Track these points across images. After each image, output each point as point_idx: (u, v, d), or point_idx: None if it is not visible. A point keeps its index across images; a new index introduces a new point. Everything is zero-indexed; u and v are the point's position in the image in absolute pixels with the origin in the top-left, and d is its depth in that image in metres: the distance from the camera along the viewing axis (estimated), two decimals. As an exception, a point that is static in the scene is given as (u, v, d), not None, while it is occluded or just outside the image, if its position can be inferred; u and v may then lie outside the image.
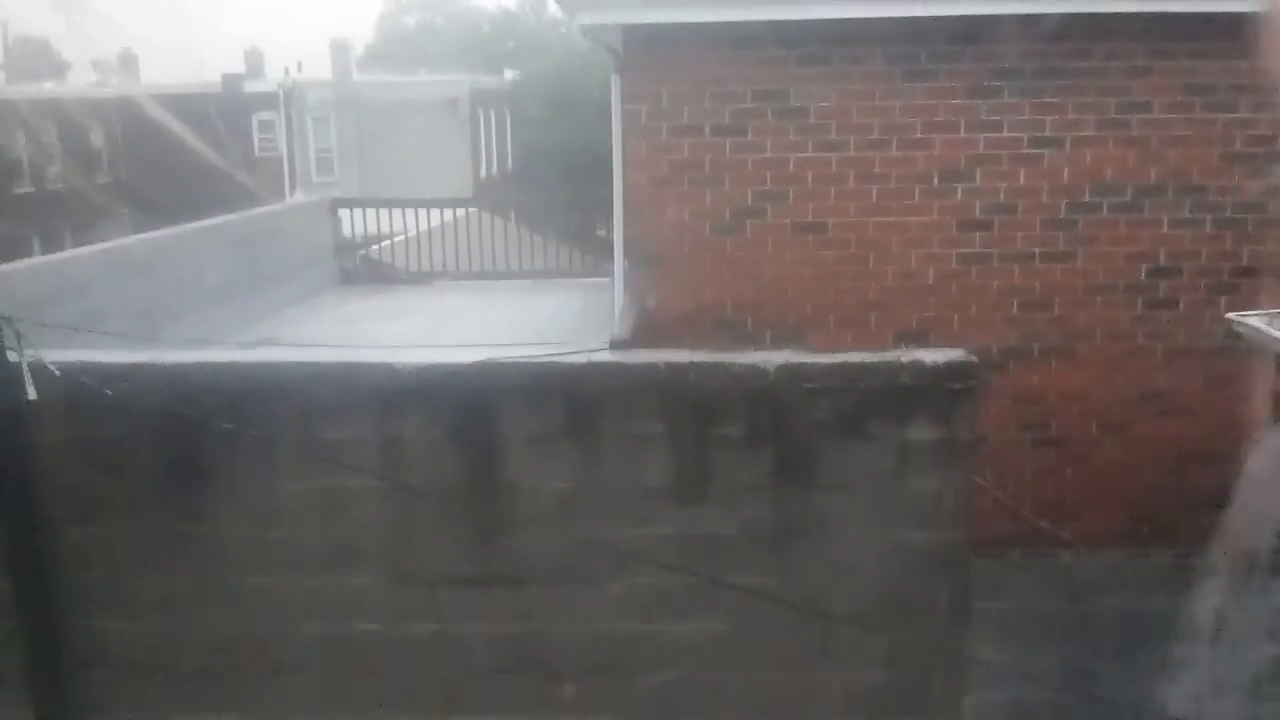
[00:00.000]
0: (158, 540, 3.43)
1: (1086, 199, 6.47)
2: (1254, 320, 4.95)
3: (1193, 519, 4.98)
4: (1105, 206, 6.48)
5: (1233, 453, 4.89)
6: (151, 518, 3.42)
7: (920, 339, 6.37)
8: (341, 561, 3.40)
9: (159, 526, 3.42)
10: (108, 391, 3.28)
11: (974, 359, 3.25)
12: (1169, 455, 6.49)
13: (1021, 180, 6.47)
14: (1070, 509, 6.56)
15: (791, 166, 6.49)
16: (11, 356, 3.26)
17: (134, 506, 3.42)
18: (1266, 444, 4.52)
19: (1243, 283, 6.38)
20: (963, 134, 6.42)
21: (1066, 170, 6.44)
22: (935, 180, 6.47)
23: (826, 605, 3.33)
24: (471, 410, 3.31)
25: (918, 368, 3.26)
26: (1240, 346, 5.48)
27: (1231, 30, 5.81)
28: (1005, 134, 6.42)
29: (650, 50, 6.45)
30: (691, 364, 3.28)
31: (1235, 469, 4.51)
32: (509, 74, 34.91)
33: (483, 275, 13.12)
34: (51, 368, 3.28)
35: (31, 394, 3.25)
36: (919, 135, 6.42)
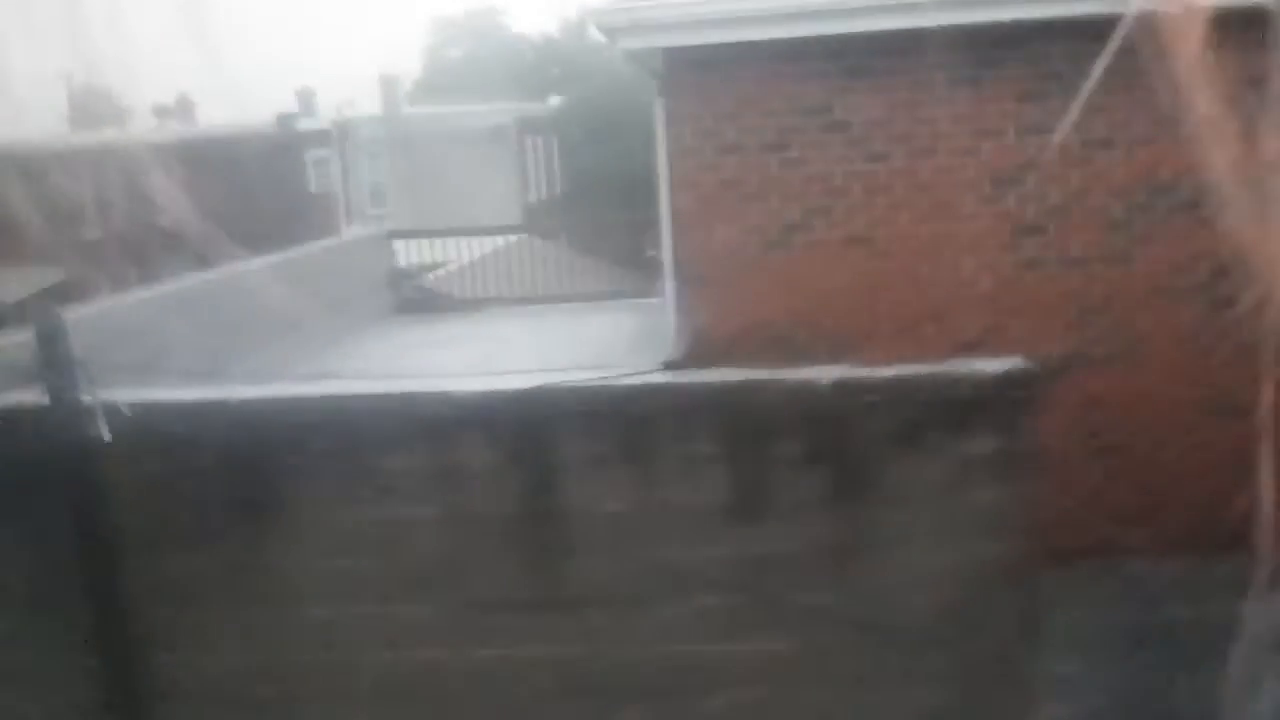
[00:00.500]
0: (227, 573, 3.51)
1: (1143, 200, 6.36)
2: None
3: (1262, 524, 4.85)
4: (1163, 207, 6.37)
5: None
6: (221, 551, 3.50)
7: (978, 349, 6.29)
8: (405, 590, 3.45)
9: (228, 560, 3.50)
10: (176, 430, 3.37)
11: (1033, 367, 3.22)
12: (1236, 459, 6.32)
13: (1075, 183, 6.38)
14: (1136, 516, 6.43)
15: (839, 180, 6.47)
16: (85, 398, 3.37)
17: (204, 541, 3.50)
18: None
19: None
20: (1012, 139, 6.36)
21: (1121, 171, 6.34)
22: (986, 187, 6.41)
23: (890, 622, 3.30)
24: (528, 435, 3.35)
25: (976, 378, 3.23)
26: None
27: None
28: (1056, 137, 6.34)
29: (692, 71, 6.48)
30: (746, 383, 3.28)
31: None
32: (554, 100, 35.26)
33: (535, 300, 13.22)
34: (123, 408, 3.38)
35: (105, 435, 3.35)
36: (967, 142, 6.37)
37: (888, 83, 6.34)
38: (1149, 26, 5.74)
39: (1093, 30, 6.12)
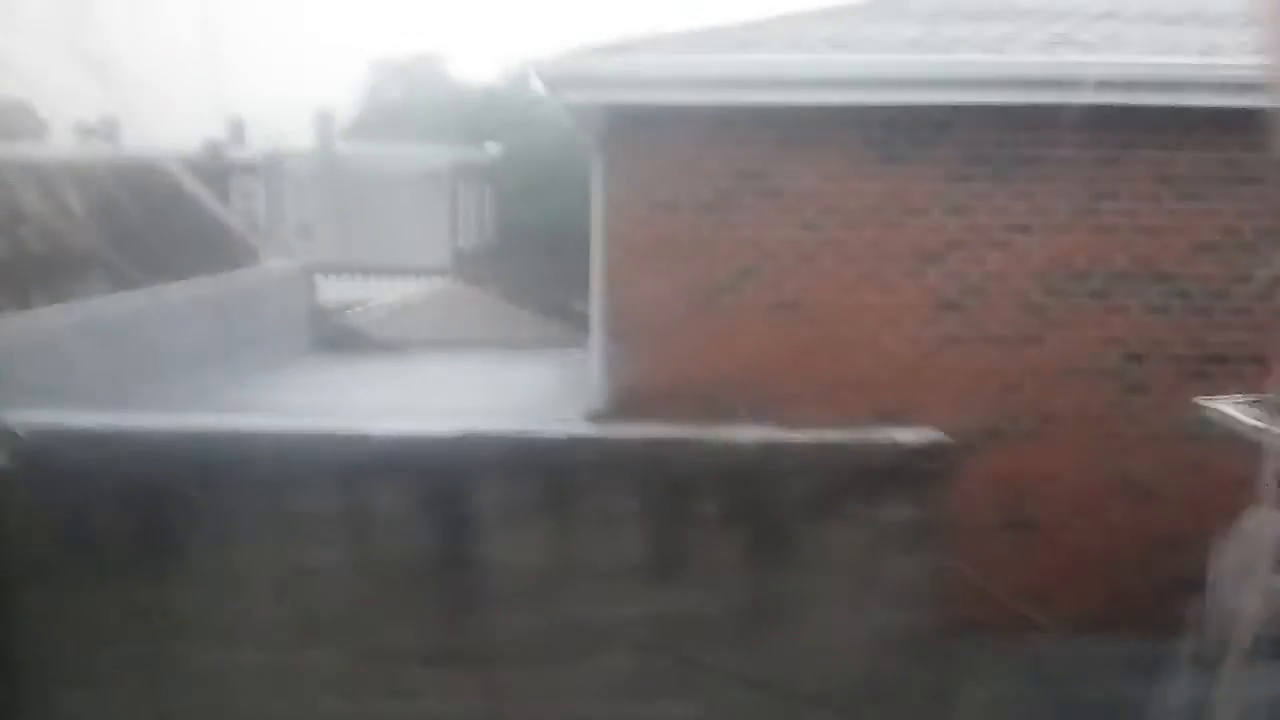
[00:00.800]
0: (121, 610, 3.35)
1: (1059, 284, 6.56)
2: (1224, 406, 5.00)
3: (1167, 605, 4.96)
4: (1078, 292, 6.58)
5: (1206, 539, 4.90)
6: (116, 587, 3.34)
7: (895, 419, 6.37)
8: (307, 636, 3.33)
9: (123, 597, 3.34)
10: (74, 457, 3.22)
11: (949, 440, 3.26)
12: (1142, 540, 6.49)
13: (995, 264, 6.56)
14: (1044, 593, 6.53)
15: (770, 245, 6.56)
16: (-22, 419, 3.21)
17: (98, 575, 3.34)
18: (1238, 530, 4.53)
19: (1212, 369, 6.46)
20: (938, 217, 6.52)
21: (1039, 255, 6.54)
22: (910, 262, 6.55)
23: (801, 688, 3.28)
24: (445, 482, 3.27)
25: (893, 448, 3.26)
26: (1212, 432, 5.52)
27: (1200, 123, 5.97)
28: (979, 219, 6.52)
29: (631, 129, 6.54)
30: (668, 440, 3.27)
31: (1208, 555, 4.51)
32: (491, 148, 35.30)
33: (459, 345, 13.09)
34: (19, 432, 3.23)
35: (1, 460, 3.19)
36: (895, 218, 6.52)
37: (822, 154, 6.48)
38: (1073, 119, 5.97)
39: (1019, 119, 6.37)
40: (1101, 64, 6.23)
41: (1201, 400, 5.32)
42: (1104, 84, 5.83)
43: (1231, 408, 4.73)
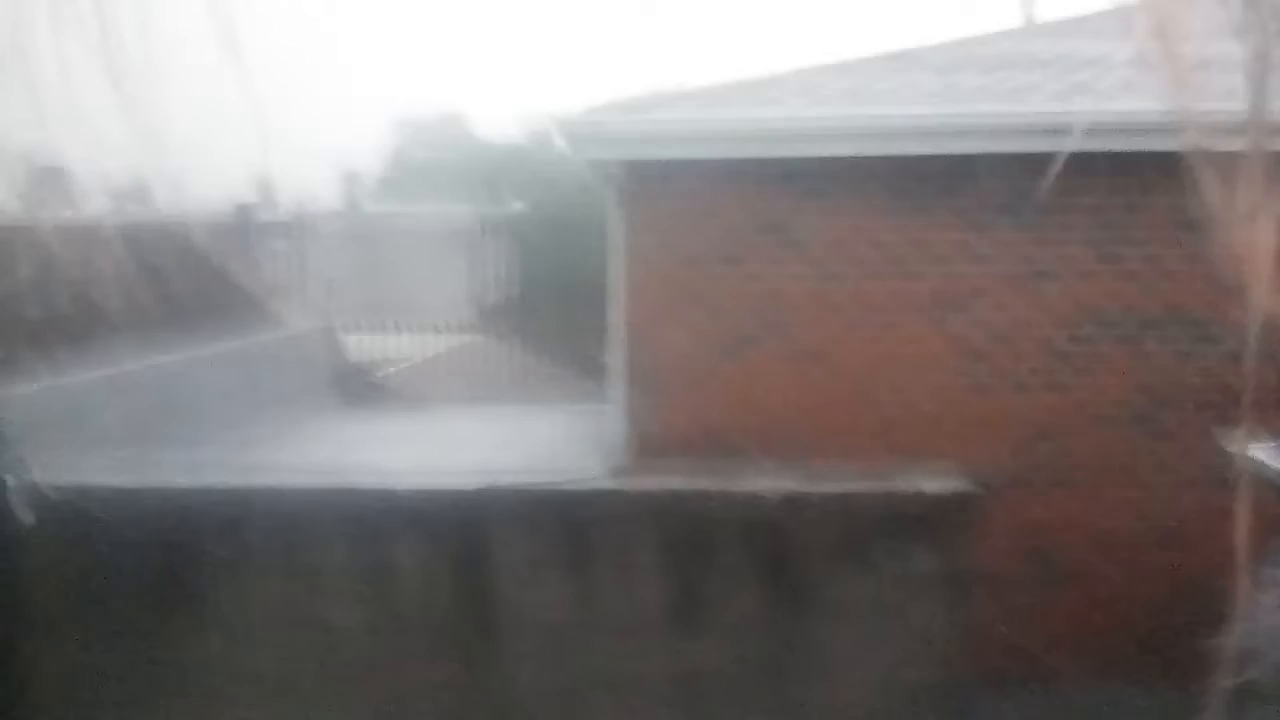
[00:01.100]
0: (145, 665, 3.35)
1: (1085, 331, 6.52)
2: (1254, 450, 4.92)
3: (1197, 652, 4.86)
4: (1104, 339, 6.53)
5: (1236, 585, 4.80)
6: (140, 642, 3.35)
7: (920, 468, 6.33)
8: (328, 693, 3.32)
9: (147, 651, 3.35)
10: (103, 516, 3.25)
11: (974, 489, 3.23)
12: (1172, 587, 6.37)
13: (1020, 311, 6.54)
14: (1073, 642, 6.41)
15: (792, 296, 6.57)
16: (10, 479, 3.25)
17: (123, 631, 3.35)
18: (1267, 576, 4.44)
19: (1242, 414, 6.37)
20: (961, 266, 6.52)
21: (1064, 302, 6.51)
22: (934, 311, 6.54)
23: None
24: (469, 538, 3.27)
25: (918, 497, 3.24)
26: (1242, 478, 5.44)
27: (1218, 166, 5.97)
28: (1002, 267, 6.52)
29: (653, 184, 6.61)
30: (692, 492, 3.26)
31: (1239, 601, 4.42)
32: (516, 205, 35.73)
33: (485, 400, 13.14)
34: (49, 491, 3.26)
35: (28, 519, 3.23)
36: (917, 267, 6.52)
37: (843, 205, 6.51)
38: (1095, 165, 5.98)
39: (1039, 167, 6.37)
40: (1119, 111, 6.25)
41: (1230, 445, 5.25)
42: (1123, 130, 5.84)
43: (1261, 452, 4.67)
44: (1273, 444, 4.62)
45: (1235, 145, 1.02)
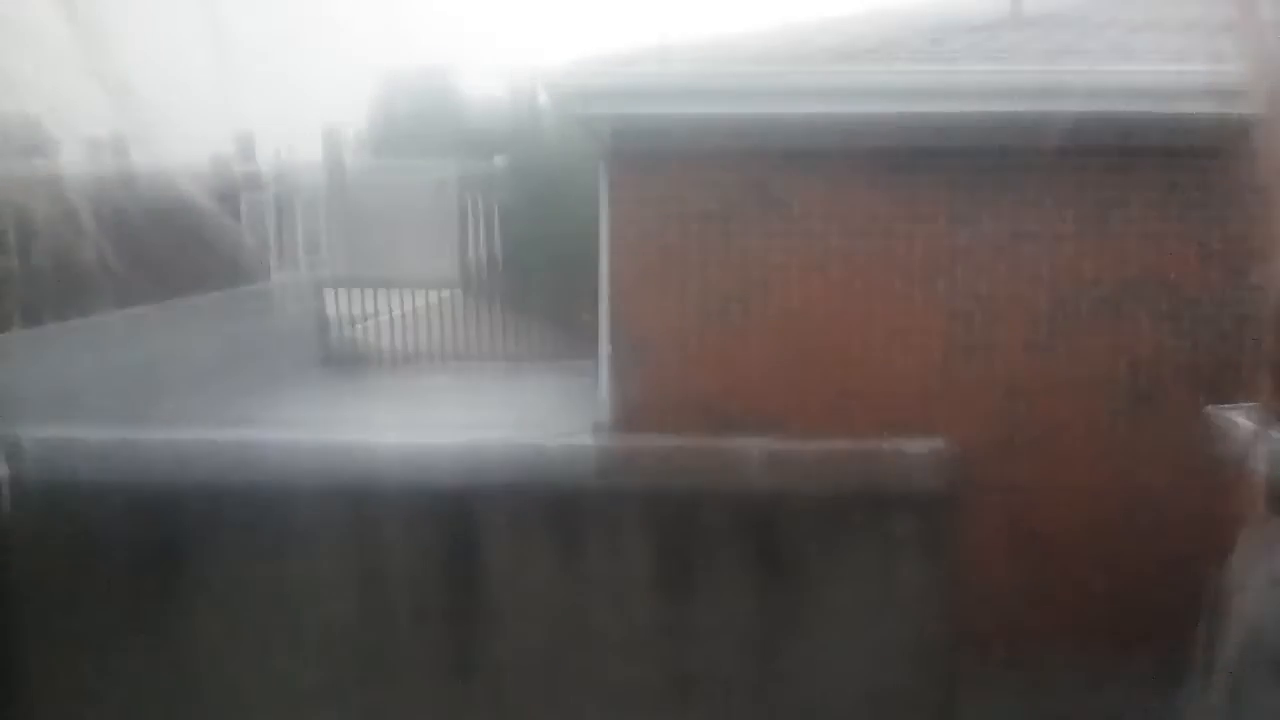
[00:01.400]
0: (125, 623, 3.34)
1: (1066, 293, 6.54)
2: (1233, 415, 4.97)
3: (1177, 619, 4.93)
4: (1085, 301, 6.55)
5: (1215, 549, 4.87)
6: (120, 600, 3.34)
7: (903, 429, 6.36)
8: (312, 651, 3.32)
9: (127, 609, 3.34)
10: (80, 469, 3.22)
11: (957, 451, 3.25)
12: (1152, 551, 6.45)
13: (1002, 273, 6.54)
14: (1053, 606, 6.49)
15: (776, 255, 6.56)
16: (-17, 432, 3.22)
17: (102, 589, 3.34)
18: (1248, 542, 4.50)
19: (1222, 378, 6.42)
20: (943, 226, 6.51)
21: (1046, 265, 6.52)
22: (917, 272, 6.54)
23: (811, 703, 3.26)
24: (451, 494, 3.27)
25: (901, 459, 3.25)
26: (1222, 441, 5.49)
27: (1207, 130, 5.96)
28: (985, 228, 6.51)
29: (638, 140, 6.55)
30: (675, 450, 3.26)
31: (1219, 567, 4.48)
32: (498, 160, 35.42)
33: (467, 357, 13.10)
34: (25, 444, 3.23)
35: (2, 469, 3.20)
36: (901, 228, 6.51)
37: (827, 164, 6.47)
38: (1080, 127, 5.96)
39: (1023, 128, 6.36)
40: (1104, 72, 6.22)
41: (1211, 409, 5.29)
42: (1107, 92, 5.82)
43: (1241, 416, 4.71)
44: (1253, 406, 4.66)
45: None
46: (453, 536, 3.29)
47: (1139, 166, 6.45)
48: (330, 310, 13.61)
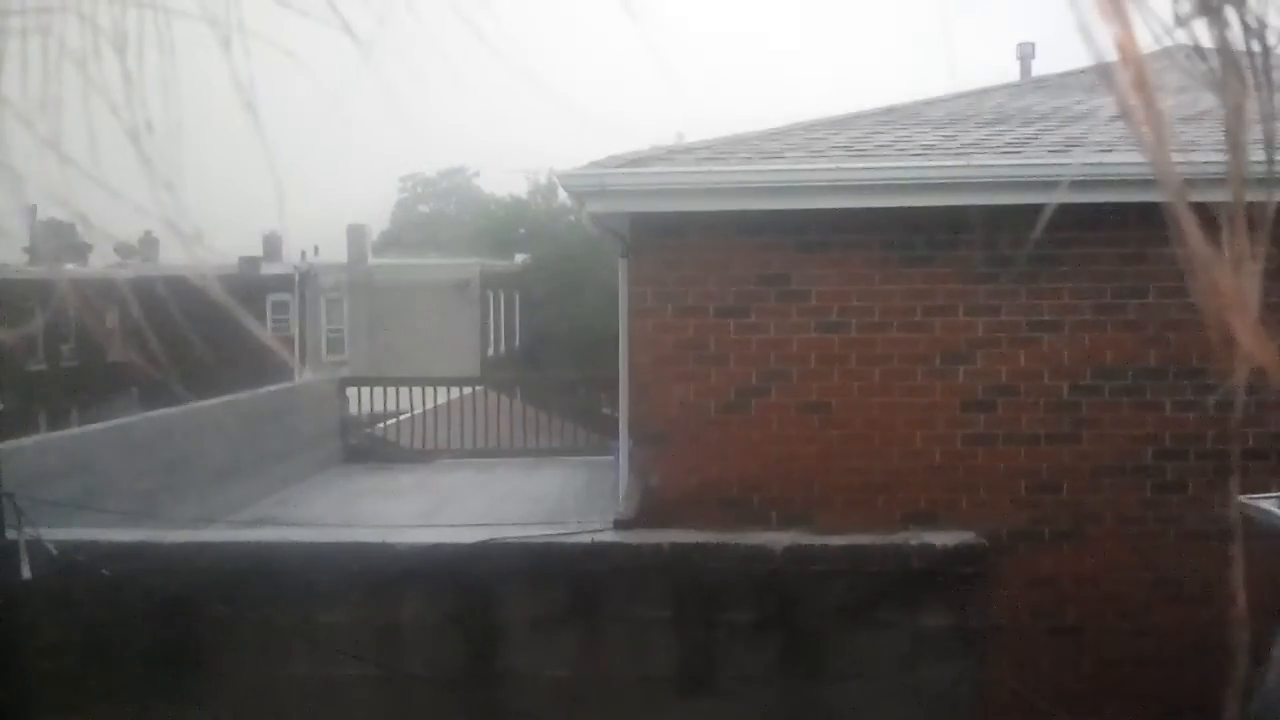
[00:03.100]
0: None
1: (1087, 382, 6.51)
2: (1265, 504, 4.89)
3: (1214, 710, 4.79)
4: (1107, 389, 6.52)
5: (1252, 641, 4.74)
6: (139, 701, 3.30)
7: (928, 521, 6.28)
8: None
9: (147, 712, 3.30)
10: (103, 572, 3.23)
11: (984, 542, 3.20)
12: (1185, 642, 6.29)
13: (1022, 363, 6.53)
14: (1088, 699, 6.32)
15: (795, 347, 6.58)
16: (10, 534, 3.23)
17: (124, 689, 3.31)
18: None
19: (1250, 465, 6.34)
20: (962, 317, 6.53)
21: (1066, 353, 6.51)
22: (936, 362, 6.54)
23: (839, 804, 3.17)
24: (471, 592, 3.24)
25: (928, 551, 3.21)
26: (1254, 530, 5.40)
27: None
28: (1003, 318, 6.52)
29: (656, 236, 6.65)
30: (696, 545, 3.23)
31: (1255, 657, 4.36)
32: (519, 258, 35.97)
33: (488, 453, 13.10)
34: (49, 546, 3.24)
35: (26, 573, 3.20)
36: (919, 318, 6.53)
37: (844, 257, 6.53)
38: (1094, 217, 6.00)
39: (1038, 218, 6.41)
40: (1117, 163, 6.30)
41: (1241, 497, 5.21)
42: (1119, 182, 5.88)
43: (1272, 505, 4.63)
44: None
45: (1216, 197, 1.02)
46: (472, 632, 3.25)
47: (1154, 255, 6.48)
48: (354, 409, 13.69)
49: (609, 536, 3.47)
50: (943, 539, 3.20)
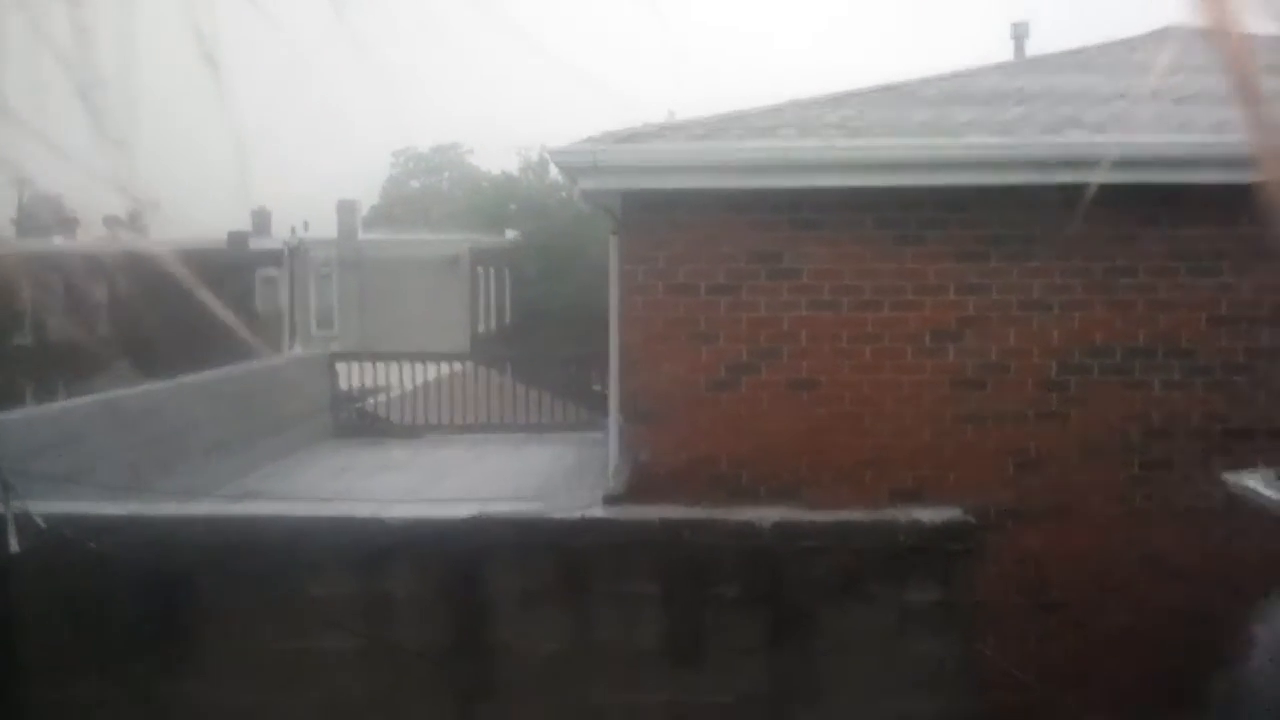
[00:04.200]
0: (133, 699, 3.31)
1: (1077, 361, 6.54)
2: (1249, 481, 4.93)
3: (1198, 685, 4.84)
4: (1096, 369, 6.54)
5: (1236, 617, 4.79)
6: (128, 675, 3.31)
7: (916, 498, 6.31)
8: (321, 725, 3.28)
9: (135, 684, 3.31)
10: (91, 545, 3.22)
11: (972, 519, 3.22)
12: (1170, 618, 6.34)
13: (1012, 341, 6.55)
14: (1073, 675, 6.37)
15: (786, 325, 6.58)
16: (-3, 507, 3.22)
17: (113, 664, 3.31)
18: (1269, 609, 4.43)
19: (1235, 444, 6.38)
20: (952, 296, 6.53)
21: (1056, 333, 6.53)
22: (927, 340, 6.55)
23: (825, 777, 3.20)
24: (461, 566, 3.25)
25: (916, 527, 3.22)
26: (1239, 507, 5.44)
27: (1213, 198, 6.01)
28: (994, 297, 6.53)
29: (648, 213, 6.63)
30: (686, 521, 3.24)
31: (1239, 634, 4.40)
32: (509, 234, 35.86)
33: (478, 429, 13.11)
34: (37, 519, 3.24)
35: (14, 546, 3.19)
36: (910, 296, 6.54)
37: (836, 235, 6.53)
38: (1090, 196, 6.01)
39: (1030, 199, 6.42)
40: (1110, 143, 6.30)
41: (1227, 475, 5.25)
42: (1113, 162, 5.87)
43: (1257, 482, 4.67)
44: (1269, 472, 4.63)
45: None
46: (461, 606, 3.26)
47: (1145, 235, 6.49)
48: (343, 383, 13.67)
49: (598, 512, 3.48)
50: (931, 515, 3.22)
